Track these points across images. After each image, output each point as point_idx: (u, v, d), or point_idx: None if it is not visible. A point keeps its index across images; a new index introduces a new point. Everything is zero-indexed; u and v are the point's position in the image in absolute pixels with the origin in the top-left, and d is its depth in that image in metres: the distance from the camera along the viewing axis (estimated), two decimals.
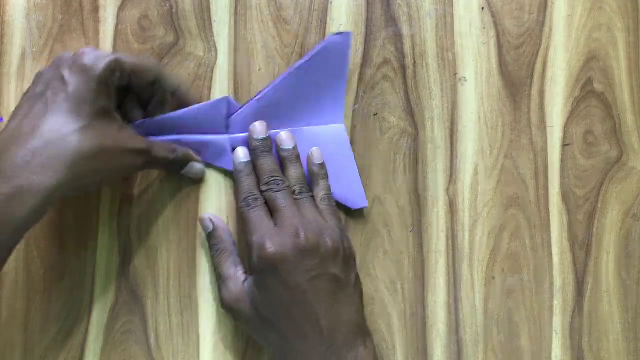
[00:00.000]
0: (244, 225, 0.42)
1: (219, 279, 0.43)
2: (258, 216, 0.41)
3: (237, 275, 0.42)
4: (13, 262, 0.45)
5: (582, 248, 0.46)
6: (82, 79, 0.38)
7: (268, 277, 0.39)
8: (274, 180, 0.42)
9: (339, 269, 0.40)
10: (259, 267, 0.39)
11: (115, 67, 0.39)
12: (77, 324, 0.45)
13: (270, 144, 0.44)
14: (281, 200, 0.41)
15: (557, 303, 0.46)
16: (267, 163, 0.43)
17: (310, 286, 0.39)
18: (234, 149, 0.45)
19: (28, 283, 0.45)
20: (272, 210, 0.42)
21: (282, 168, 0.44)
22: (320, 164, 0.45)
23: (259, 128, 0.44)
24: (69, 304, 0.45)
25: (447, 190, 0.46)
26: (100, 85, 0.38)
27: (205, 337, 0.45)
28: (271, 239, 0.39)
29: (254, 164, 0.44)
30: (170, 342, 0.45)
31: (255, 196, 0.42)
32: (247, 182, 0.43)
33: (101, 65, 0.38)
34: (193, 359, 0.45)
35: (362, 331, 0.41)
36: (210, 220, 0.44)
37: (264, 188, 0.42)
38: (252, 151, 0.44)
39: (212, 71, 0.47)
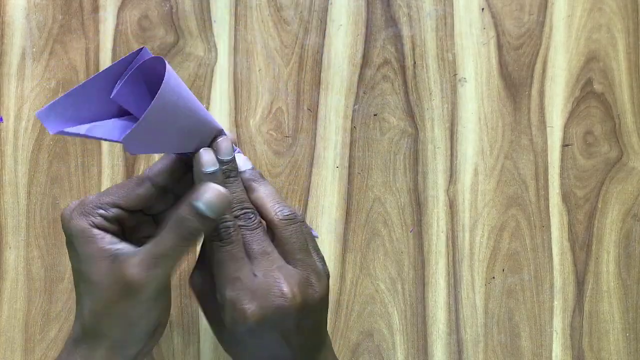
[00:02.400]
0: (215, 265, 0.33)
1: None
2: (234, 257, 0.33)
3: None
4: (13, 262, 0.45)
5: (583, 248, 0.46)
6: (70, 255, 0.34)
7: (245, 335, 0.33)
8: (245, 214, 0.34)
9: (322, 311, 0.36)
10: (232, 327, 0.33)
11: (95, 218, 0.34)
12: None
13: (236, 165, 0.35)
14: (256, 244, 0.34)
15: (557, 303, 0.46)
16: (236, 191, 0.34)
17: (286, 340, 0.34)
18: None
19: (28, 283, 0.45)
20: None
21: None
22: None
23: (224, 145, 0.34)
24: (68, 304, 0.45)
25: (447, 190, 0.46)
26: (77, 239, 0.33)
27: (205, 337, 0.45)
28: (251, 296, 0.32)
29: None
30: (171, 342, 0.45)
31: (230, 225, 0.33)
32: None
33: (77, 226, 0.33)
34: (193, 359, 0.45)
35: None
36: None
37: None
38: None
39: (212, 71, 0.47)
